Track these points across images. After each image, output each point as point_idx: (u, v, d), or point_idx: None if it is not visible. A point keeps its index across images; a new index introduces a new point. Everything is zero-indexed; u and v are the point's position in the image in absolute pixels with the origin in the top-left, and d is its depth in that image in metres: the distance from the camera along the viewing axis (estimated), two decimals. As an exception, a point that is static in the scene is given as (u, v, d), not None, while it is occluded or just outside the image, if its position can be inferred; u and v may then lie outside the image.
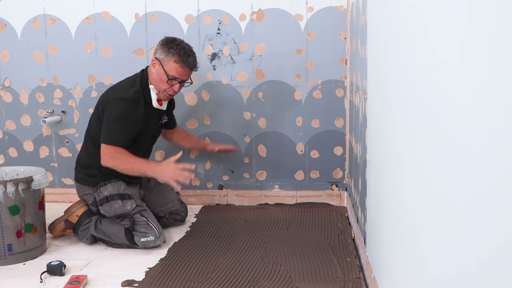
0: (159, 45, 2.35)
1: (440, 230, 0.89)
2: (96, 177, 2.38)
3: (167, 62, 2.29)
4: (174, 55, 2.28)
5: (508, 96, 0.62)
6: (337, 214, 2.75)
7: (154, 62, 2.32)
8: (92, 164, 2.39)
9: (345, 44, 2.79)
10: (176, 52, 2.28)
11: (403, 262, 1.23)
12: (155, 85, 2.34)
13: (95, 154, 2.35)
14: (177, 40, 2.35)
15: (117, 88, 2.36)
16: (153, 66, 2.33)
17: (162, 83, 2.32)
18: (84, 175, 2.41)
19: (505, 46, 0.62)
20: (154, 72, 2.33)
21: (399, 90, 1.24)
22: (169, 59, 2.29)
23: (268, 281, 1.92)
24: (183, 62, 2.29)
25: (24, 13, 2.94)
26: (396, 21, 1.29)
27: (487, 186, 0.69)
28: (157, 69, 2.31)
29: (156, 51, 2.35)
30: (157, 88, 2.34)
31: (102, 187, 2.35)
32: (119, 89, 2.34)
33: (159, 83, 2.32)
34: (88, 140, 2.44)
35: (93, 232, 2.33)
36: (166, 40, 2.35)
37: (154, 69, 2.33)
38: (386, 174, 1.44)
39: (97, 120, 2.36)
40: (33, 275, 2.02)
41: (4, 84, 3.03)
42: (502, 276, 0.64)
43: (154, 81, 2.34)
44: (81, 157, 2.47)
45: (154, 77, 2.34)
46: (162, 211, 2.58)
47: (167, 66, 2.29)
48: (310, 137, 2.90)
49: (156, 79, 2.33)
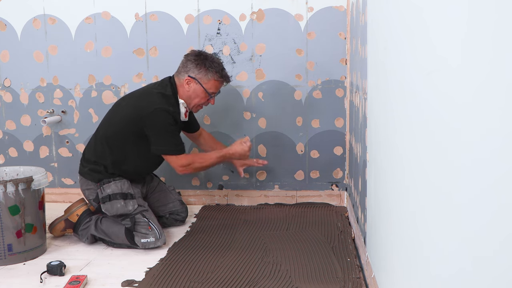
0: (191, 63, 2.36)
1: (441, 229, 0.89)
2: (101, 174, 2.37)
3: (207, 81, 2.36)
4: (214, 74, 2.36)
5: (507, 96, 0.62)
6: (337, 214, 2.75)
7: (189, 80, 2.36)
8: (100, 161, 2.38)
9: (345, 44, 2.80)
10: (215, 70, 2.36)
11: (403, 262, 1.23)
12: (189, 101, 2.40)
13: (105, 153, 2.36)
14: (208, 56, 2.39)
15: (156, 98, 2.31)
16: (187, 84, 2.37)
17: (200, 99, 2.39)
18: (89, 169, 2.40)
19: (505, 46, 0.62)
20: (190, 90, 2.37)
21: (399, 90, 1.24)
22: (209, 78, 2.36)
23: (268, 281, 1.92)
24: (223, 78, 2.40)
25: (24, 13, 2.94)
26: (396, 21, 1.29)
27: (486, 185, 0.69)
28: (194, 87, 2.37)
29: (188, 69, 2.37)
30: (192, 103, 2.41)
31: (105, 185, 2.34)
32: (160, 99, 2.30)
33: (196, 99, 2.39)
34: (101, 138, 2.39)
35: (93, 232, 2.33)
36: (198, 57, 2.37)
37: (189, 87, 2.37)
38: (386, 174, 1.44)
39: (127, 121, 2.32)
40: (33, 275, 2.02)
41: (4, 84, 3.03)
42: (501, 275, 0.64)
43: (188, 98, 2.39)
44: (88, 151, 2.45)
45: (189, 95, 2.38)
46: (162, 211, 2.58)
47: (207, 84, 2.37)
48: (310, 137, 2.90)
49: (191, 96, 2.38)
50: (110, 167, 2.35)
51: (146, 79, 2.91)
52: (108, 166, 2.35)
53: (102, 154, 2.38)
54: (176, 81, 2.41)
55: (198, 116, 2.93)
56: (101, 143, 2.39)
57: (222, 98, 2.89)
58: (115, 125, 2.37)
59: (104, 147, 2.38)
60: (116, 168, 2.36)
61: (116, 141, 2.35)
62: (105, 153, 2.37)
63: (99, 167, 2.38)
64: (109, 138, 2.37)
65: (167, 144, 2.31)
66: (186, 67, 2.38)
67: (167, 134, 2.30)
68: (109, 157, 2.36)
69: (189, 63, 2.37)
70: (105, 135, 2.39)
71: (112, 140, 2.36)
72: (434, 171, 0.92)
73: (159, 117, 2.27)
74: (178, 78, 2.40)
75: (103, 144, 2.38)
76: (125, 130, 2.33)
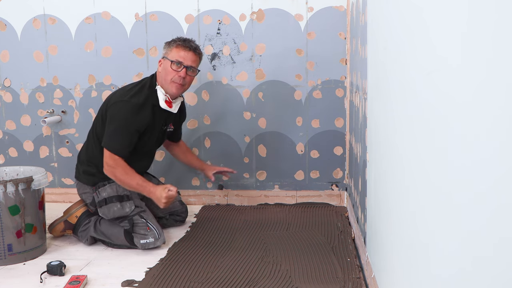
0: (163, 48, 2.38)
1: (441, 229, 0.89)
2: (95, 176, 2.37)
3: (169, 52, 2.32)
4: (175, 42, 2.33)
5: (507, 96, 0.62)
6: (337, 214, 2.75)
7: (160, 62, 2.35)
8: (91, 161, 2.38)
9: (345, 44, 2.79)
10: (176, 40, 2.34)
11: (403, 262, 1.23)
12: (163, 81, 2.33)
13: (95, 152, 2.36)
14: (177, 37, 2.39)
15: (124, 90, 2.34)
16: (160, 66, 2.35)
17: (168, 73, 2.30)
18: (83, 172, 2.40)
19: (504, 46, 0.62)
20: (161, 70, 2.34)
21: (399, 90, 1.24)
22: (171, 48, 2.32)
23: (268, 281, 1.92)
24: (184, 45, 2.32)
25: (24, 13, 2.94)
26: (396, 20, 1.29)
27: (486, 185, 0.69)
28: (163, 64, 2.33)
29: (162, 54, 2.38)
30: (164, 83, 2.32)
31: (100, 188, 2.34)
32: (126, 92, 2.32)
33: (166, 75, 2.31)
34: (91, 138, 2.41)
35: (93, 234, 2.33)
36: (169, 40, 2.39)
37: (161, 67, 2.34)
38: (386, 174, 1.44)
39: (101, 119, 2.35)
40: (33, 275, 2.02)
41: (4, 84, 3.03)
42: (500, 274, 0.64)
43: (161, 79, 2.34)
44: (81, 153, 2.46)
45: (161, 75, 2.34)
46: (162, 212, 2.58)
47: (170, 54, 2.31)
48: (310, 137, 2.90)
49: (162, 75, 2.32)
50: (100, 166, 2.34)
51: (146, 79, 2.90)
52: (99, 165, 2.34)
53: (93, 153, 2.38)
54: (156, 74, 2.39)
55: (198, 116, 2.93)
56: (91, 142, 2.40)
57: (222, 98, 2.89)
58: (98, 122, 2.37)
59: (94, 146, 2.38)
60: None
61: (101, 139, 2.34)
62: (95, 152, 2.37)
63: (92, 169, 2.38)
64: (96, 137, 2.37)
65: (111, 139, 2.26)
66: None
67: (117, 130, 2.25)
68: (99, 156, 2.34)
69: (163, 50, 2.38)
70: (94, 134, 2.39)
71: (99, 140, 2.35)
72: (434, 171, 0.92)
73: (116, 110, 2.27)
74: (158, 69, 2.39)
75: (92, 143, 2.39)
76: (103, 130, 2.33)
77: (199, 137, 2.94)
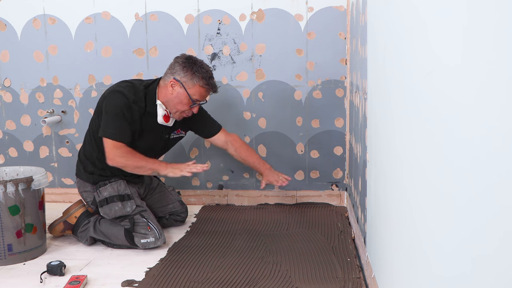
0: (179, 65, 2.26)
1: (440, 229, 0.89)
2: (94, 174, 2.36)
3: (191, 86, 2.24)
4: (200, 80, 2.23)
5: (507, 95, 0.62)
6: (337, 214, 2.75)
7: (174, 83, 2.24)
8: (89, 157, 2.38)
9: (345, 44, 2.79)
10: (202, 76, 2.23)
11: (403, 262, 1.23)
12: (171, 105, 2.27)
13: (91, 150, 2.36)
14: (197, 61, 2.28)
15: (120, 84, 2.31)
16: (172, 86, 2.25)
17: (183, 105, 2.26)
18: (83, 170, 2.40)
19: (504, 47, 0.62)
20: (173, 93, 2.25)
21: (399, 90, 1.24)
22: (194, 83, 2.23)
23: (268, 281, 1.92)
24: (209, 86, 2.26)
25: (24, 13, 2.94)
26: (396, 20, 1.29)
27: (486, 185, 0.69)
28: (178, 91, 2.24)
29: (174, 71, 2.26)
30: (173, 108, 2.28)
31: (101, 187, 2.33)
32: (123, 85, 2.29)
33: (178, 104, 2.26)
34: (87, 136, 2.41)
35: (92, 234, 2.33)
36: (186, 61, 2.26)
37: (173, 90, 2.25)
38: (386, 174, 1.44)
39: (95, 115, 2.33)
40: (33, 275, 2.02)
41: (4, 84, 3.03)
42: (500, 274, 0.64)
43: (169, 101, 2.27)
44: (80, 152, 2.46)
45: (170, 98, 2.26)
46: (162, 212, 2.58)
47: (192, 89, 2.24)
48: (310, 137, 2.90)
49: (173, 101, 2.26)
50: (97, 163, 2.34)
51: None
52: (97, 164, 2.34)
53: (90, 150, 2.38)
54: (160, 83, 2.31)
55: (198, 116, 2.93)
56: (89, 139, 2.38)
57: (222, 98, 2.89)
58: (93, 121, 2.35)
59: (91, 142, 2.37)
60: (105, 164, 2.29)
61: (96, 137, 2.31)
62: (92, 148, 2.36)
63: (90, 167, 2.37)
64: (91, 136, 2.36)
65: (110, 126, 2.19)
66: (173, 69, 2.27)
67: (113, 117, 2.19)
68: (95, 152, 2.34)
69: (176, 65, 2.26)
70: (89, 133, 2.39)
71: (94, 137, 2.34)
72: (434, 171, 0.92)
73: (111, 98, 2.22)
74: (164, 80, 2.30)
75: (89, 141, 2.38)
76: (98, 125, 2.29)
77: (199, 137, 2.93)
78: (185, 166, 2.24)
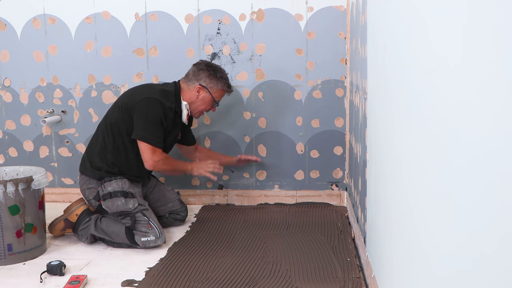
0: (203, 73, 2.46)
1: (440, 229, 0.89)
2: (101, 170, 2.41)
3: (216, 90, 2.49)
4: (224, 85, 2.50)
5: (507, 95, 0.62)
6: (337, 214, 2.75)
7: (200, 88, 2.46)
8: (102, 154, 2.42)
9: (345, 44, 2.79)
10: (224, 82, 2.50)
11: (403, 262, 1.23)
12: (194, 106, 2.50)
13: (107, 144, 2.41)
14: (218, 67, 2.51)
15: (151, 89, 2.44)
16: (197, 91, 2.46)
17: (206, 106, 2.51)
18: (91, 166, 2.43)
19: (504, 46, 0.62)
20: (199, 96, 2.47)
21: (399, 90, 1.24)
22: (219, 88, 2.49)
23: (268, 280, 1.92)
24: (230, 89, 2.54)
25: (24, 13, 2.94)
26: (396, 20, 1.29)
27: (486, 185, 0.69)
28: (203, 95, 2.48)
29: (199, 78, 2.46)
30: (197, 109, 2.51)
31: (106, 183, 2.37)
32: (155, 91, 2.41)
33: (202, 106, 2.50)
34: (103, 129, 2.45)
35: (93, 231, 2.33)
36: (210, 67, 2.48)
37: (198, 94, 2.47)
38: (386, 174, 1.44)
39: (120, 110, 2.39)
40: (33, 275, 2.02)
41: (4, 84, 3.03)
42: (500, 274, 0.64)
43: (193, 103, 2.49)
44: (90, 146, 2.49)
45: (195, 100, 2.48)
46: (162, 211, 2.59)
47: (216, 93, 2.49)
48: (310, 137, 2.90)
49: (198, 102, 2.49)
50: (110, 159, 2.40)
51: (146, 79, 2.91)
52: (108, 158, 2.41)
53: (104, 143, 2.43)
54: (182, 86, 2.49)
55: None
56: (106, 131, 2.43)
57: (222, 98, 2.89)
58: (114, 115, 2.42)
59: (108, 135, 2.42)
60: (116, 160, 2.41)
61: (114, 130, 2.41)
62: (108, 141, 2.42)
63: (99, 161, 2.41)
64: (109, 129, 2.42)
65: (149, 132, 2.35)
66: (198, 76, 2.47)
67: (152, 124, 2.35)
68: (110, 145, 2.41)
69: (201, 72, 2.47)
70: (106, 126, 2.44)
71: (112, 130, 2.41)
72: (434, 170, 0.92)
73: (149, 105, 2.35)
74: (187, 84, 2.48)
75: (108, 132, 2.43)
76: (121, 120, 2.39)
77: (199, 137, 2.94)
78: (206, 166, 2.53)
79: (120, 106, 2.41)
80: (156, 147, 2.36)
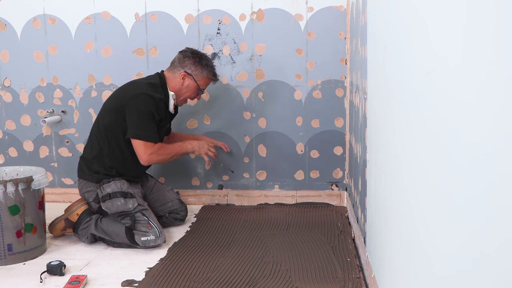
0: (189, 60, 2.46)
1: (440, 229, 0.89)
2: (99, 173, 2.40)
3: (201, 78, 2.49)
4: (209, 73, 2.50)
5: (507, 95, 0.62)
6: (337, 214, 2.75)
7: (185, 75, 2.46)
8: (98, 157, 2.42)
9: (345, 44, 2.79)
10: (210, 69, 2.50)
11: (403, 262, 1.23)
12: (179, 94, 2.50)
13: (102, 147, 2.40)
14: (203, 55, 2.51)
15: (139, 84, 2.42)
16: (182, 79, 2.46)
17: (191, 94, 2.51)
18: (88, 170, 2.43)
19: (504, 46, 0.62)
20: (184, 84, 2.47)
21: (399, 90, 1.24)
22: (204, 75, 2.49)
23: (268, 280, 1.92)
24: (215, 77, 2.54)
25: (24, 13, 2.94)
26: (396, 20, 1.29)
27: (486, 185, 0.69)
28: (188, 82, 2.47)
29: (184, 65, 2.46)
30: (181, 96, 2.51)
31: (105, 184, 2.37)
32: (143, 86, 2.40)
33: (187, 93, 2.50)
34: (96, 133, 2.45)
35: (93, 231, 2.33)
36: (195, 55, 2.48)
37: (183, 81, 2.47)
38: (386, 174, 1.44)
39: (110, 112, 2.39)
40: (33, 275, 2.02)
41: (4, 84, 3.03)
42: (500, 273, 0.64)
43: (178, 91, 2.49)
44: (86, 150, 2.49)
45: (181, 88, 2.48)
46: (161, 210, 2.59)
47: (201, 81, 2.49)
48: (310, 137, 2.90)
49: (183, 90, 2.49)
50: (107, 163, 2.40)
51: (146, 79, 2.90)
52: (106, 162, 2.40)
53: (99, 147, 2.42)
54: (167, 75, 2.49)
55: (198, 116, 2.93)
56: (96, 139, 2.43)
57: (222, 98, 2.89)
58: (106, 118, 2.41)
59: (102, 139, 2.41)
60: (113, 163, 2.40)
61: (108, 133, 2.40)
62: (103, 145, 2.41)
63: (97, 166, 2.41)
64: (102, 132, 2.42)
65: (143, 129, 2.34)
66: (183, 63, 2.47)
67: (145, 119, 2.34)
68: (105, 148, 2.40)
69: (186, 60, 2.47)
70: (99, 130, 2.43)
71: (105, 133, 2.41)
72: (434, 170, 0.92)
73: (141, 101, 2.34)
74: (172, 72, 2.48)
75: (99, 137, 2.42)
76: (114, 122, 2.38)
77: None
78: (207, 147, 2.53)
79: (110, 109, 2.40)
80: (148, 141, 2.34)
